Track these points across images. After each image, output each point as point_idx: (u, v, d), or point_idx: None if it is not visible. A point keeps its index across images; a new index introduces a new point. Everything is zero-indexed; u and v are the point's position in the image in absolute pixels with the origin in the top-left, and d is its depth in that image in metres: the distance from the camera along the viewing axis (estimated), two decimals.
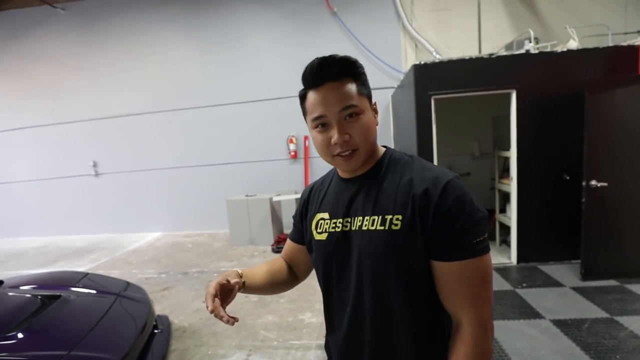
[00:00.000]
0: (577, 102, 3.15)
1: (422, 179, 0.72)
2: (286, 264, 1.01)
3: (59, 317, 1.90)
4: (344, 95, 0.71)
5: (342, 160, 0.75)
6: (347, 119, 0.72)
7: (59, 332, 1.80)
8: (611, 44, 3.72)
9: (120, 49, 6.27)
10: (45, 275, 2.68)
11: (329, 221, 0.84)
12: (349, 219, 0.80)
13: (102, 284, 2.51)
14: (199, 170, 6.37)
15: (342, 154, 0.74)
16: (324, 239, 0.84)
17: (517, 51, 3.77)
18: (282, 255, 1.04)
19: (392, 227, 0.71)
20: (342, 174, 0.84)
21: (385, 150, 0.83)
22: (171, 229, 6.58)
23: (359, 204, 0.78)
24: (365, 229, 0.75)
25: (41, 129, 6.71)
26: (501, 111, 4.05)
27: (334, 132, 0.73)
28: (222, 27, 5.92)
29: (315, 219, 0.88)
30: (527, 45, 3.74)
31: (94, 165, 6.67)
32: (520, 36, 4.26)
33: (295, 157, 6.00)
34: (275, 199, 5.31)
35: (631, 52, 3.38)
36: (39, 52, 6.48)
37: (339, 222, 0.81)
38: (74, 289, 2.29)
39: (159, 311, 2.97)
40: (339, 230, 0.81)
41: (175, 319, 3.02)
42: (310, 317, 2.95)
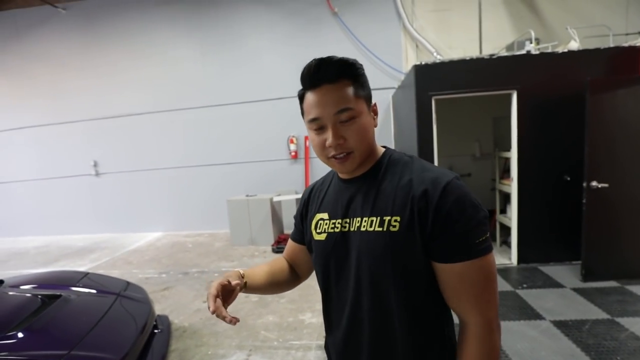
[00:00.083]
0: (578, 103, 3.15)
1: (421, 180, 0.71)
2: (288, 264, 1.01)
3: (59, 317, 1.90)
4: (339, 97, 0.71)
5: (336, 162, 0.76)
6: (342, 122, 0.72)
7: (59, 332, 1.80)
8: (612, 44, 3.73)
9: (121, 49, 6.28)
10: (45, 274, 2.68)
11: (328, 221, 0.84)
12: (347, 220, 0.79)
13: (102, 283, 2.51)
14: (199, 170, 6.38)
15: (336, 157, 0.74)
16: (323, 239, 0.84)
17: (518, 52, 3.77)
18: (283, 255, 1.04)
19: (391, 229, 0.71)
20: (341, 175, 0.84)
21: (384, 150, 0.83)
22: (172, 228, 6.59)
23: (357, 205, 0.78)
24: (363, 230, 0.75)
25: (42, 129, 6.73)
26: (502, 112, 4.05)
27: (328, 134, 0.72)
28: (223, 27, 5.92)
29: (315, 219, 0.88)
30: (528, 45, 3.73)
31: (95, 165, 6.68)
32: (521, 37, 4.26)
33: (295, 157, 6.00)
34: (275, 199, 5.31)
35: (632, 53, 3.38)
36: (40, 52, 6.49)
37: (338, 223, 0.81)
38: (75, 289, 2.29)
39: (159, 311, 2.98)
40: (338, 230, 0.80)
41: (175, 319, 3.03)
42: (310, 317, 2.95)
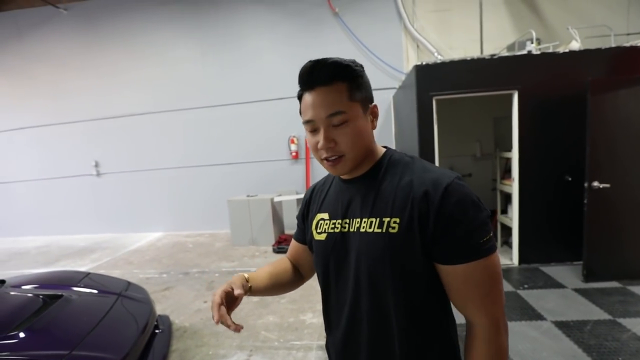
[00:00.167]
0: (579, 103, 3.15)
1: (421, 181, 0.70)
2: (291, 264, 1.02)
3: (60, 317, 1.91)
4: (332, 101, 0.70)
5: (328, 165, 0.76)
6: (334, 125, 0.71)
7: (61, 332, 1.81)
8: (613, 45, 3.72)
9: (122, 49, 6.28)
10: (46, 274, 2.68)
11: (328, 222, 0.84)
12: (347, 220, 0.79)
13: (103, 283, 2.51)
14: (200, 170, 6.38)
15: (328, 159, 0.75)
16: (323, 239, 0.84)
17: (519, 52, 3.77)
18: (287, 255, 1.04)
19: (390, 230, 0.70)
20: (341, 175, 0.84)
21: (385, 151, 0.82)
22: (172, 229, 6.59)
23: (357, 206, 0.78)
24: (363, 231, 0.75)
25: (43, 129, 6.74)
26: (503, 112, 4.04)
27: (320, 136, 0.72)
28: (224, 28, 5.93)
29: (315, 219, 0.88)
30: (529, 46, 3.73)
31: (96, 165, 6.68)
32: (522, 37, 4.26)
33: (296, 157, 6.00)
34: (276, 199, 5.32)
35: (633, 53, 3.38)
36: (41, 52, 6.50)
37: (338, 223, 0.81)
38: (76, 289, 2.29)
39: (160, 311, 2.98)
40: (338, 231, 0.80)
41: (176, 319, 3.03)
42: (311, 317, 2.95)
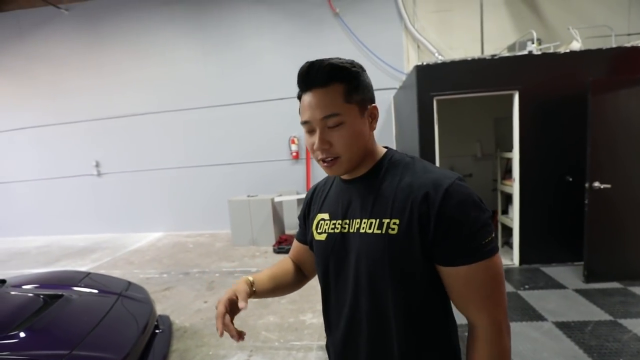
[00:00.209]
0: (580, 104, 3.14)
1: (422, 182, 0.70)
2: (294, 264, 1.02)
3: (60, 317, 1.91)
4: (327, 103, 0.70)
5: (324, 166, 0.75)
6: (330, 127, 0.71)
7: (61, 332, 1.81)
8: (614, 45, 3.71)
9: (123, 50, 6.29)
10: (47, 274, 2.69)
11: (328, 222, 0.84)
12: (347, 221, 0.79)
13: (103, 283, 2.51)
14: (201, 170, 6.38)
15: (324, 160, 0.74)
16: (323, 240, 0.84)
17: (520, 52, 3.77)
18: (289, 255, 1.05)
19: (389, 232, 0.70)
20: (341, 175, 0.84)
21: (386, 151, 0.81)
22: (173, 229, 6.59)
23: (357, 206, 0.78)
24: (362, 231, 0.75)
25: (44, 129, 6.75)
26: (503, 112, 4.04)
27: (315, 138, 0.72)
28: (225, 28, 5.93)
29: (316, 219, 0.88)
30: (529, 46, 3.72)
31: (97, 165, 6.69)
32: (522, 37, 4.25)
33: (297, 157, 6.00)
34: (277, 199, 5.32)
35: (634, 54, 3.37)
36: (42, 53, 6.52)
37: (338, 224, 0.81)
38: (76, 289, 2.29)
39: (160, 311, 2.98)
40: (338, 231, 0.80)
41: (176, 319, 3.03)
42: (311, 318, 2.94)
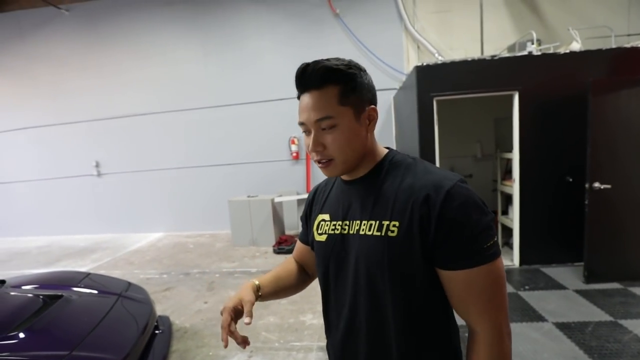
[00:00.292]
0: (580, 104, 3.14)
1: (423, 184, 0.69)
2: (297, 265, 1.02)
3: (60, 317, 1.90)
4: (321, 105, 0.69)
5: (320, 167, 0.76)
6: (323, 129, 0.71)
7: (61, 332, 1.81)
8: (614, 45, 3.71)
9: (123, 50, 6.29)
10: (47, 275, 2.68)
11: (329, 223, 0.83)
12: (347, 222, 0.79)
13: (103, 284, 2.51)
14: (201, 170, 6.38)
15: (319, 162, 0.74)
16: (323, 240, 0.84)
17: (520, 53, 3.77)
18: (293, 255, 1.05)
19: (389, 234, 0.69)
20: (342, 176, 0.84)
21: (387, 152, 0.81)
22: (173, 229, 6.59)
23: (357, 208, 0.77)
24: (362, 233, 0.74)
25: (45, 129, 6.75)
26: (503, 112, 4.04)
27: (310, 140, 0.73)
28: (226, 28, 5.93)
29: (317, 220, 0.88)
30: (529, 46, 3.72)
31: (97, 165, 6.69)
32: (522, 38, 4.26)
33: (297, 158, 6.00)
34: (277, 199, 5.32)
35: (634, 54, 3.37)
36: (43, 53, 6.52)
37: (339, 225, 0.81)
38: (76, 289, 2.29)
39: (160, 312, 2.98)
40: (338, 232, 0.80)
41: (176, 320, 3.02)
42: (311, 318, 2.94)
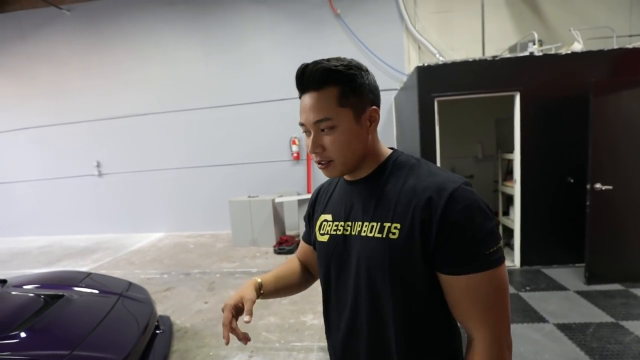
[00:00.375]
0: (582, 105, 3.14)
1: (425, 186, 0.68)
2: (300, 264, 1.02)
3: (61, 317, 1.91)
4: (320, 107, 0.69)
5: (320, 168, 0.75)
6: (323, 131, 0.71)
7: (62, 332, 1.81)
8: (616, 46, 3.71)
9: (124, 50, 6.30)
10: (48, 274, 2.69)
11: (331, 223, 0.83)
12: (350, 223, 0.78)
13: (104, 283, 2.51)
14: (202, 171, 6.39)
15: (319, 163, 0.74)
16: (325, 241, 0.83)
17: (521, 53, 3.76)
18: (297, 254, 1.05)
19: (390, 236, 0.69)
20: (345, 176, 0.83)
21: (391, 152, 0.80)
22: (174, 229, 6.59)
23: (359, 209, 0.77)
24: (364, 234, 0.73)
25: (46, 129, 6.75)
26: (504, 113, 4.03)
27: (309, 142, 0.73)
28: (226, 29, 5.94)
29: (319, 220, 0.87)
30: (530, 47, 3.72)
31: (98, 165, 6.70)
32: (524, 38, 4.25)
33: (298, 158, 6.00)
34: (277, 200, 5.32)
35: (636, 55, 3.37)
36: (44, 53, 6.53)
37: (341, 225, 0.80)
38: (77, 289, 2.29)
39: (161, 312, 2.98)
40: (340, 233, 0.80)
41: (177, 320, 3.03)
42: (312, 318, 2.94)
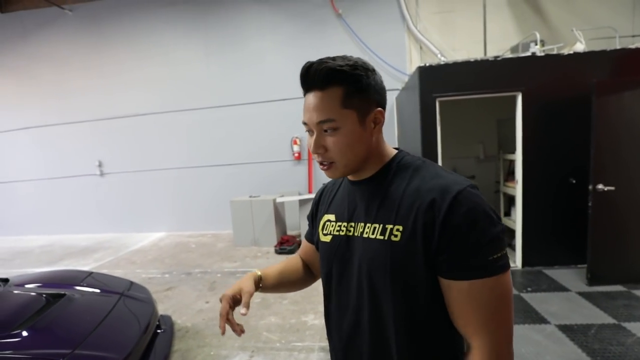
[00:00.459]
0: (584, 105, 3.13)
1: (429, 188, 0.66)
2: (302, 262, 1.02)
3: (63, 316, 1.91)
4: (323, 107, 0.68)
5: (322, 168, 0.75)
6: (325, 131, 0.70)
7: (63, 331, 1.81)
8: (618, 46, 3.69)
9: (126, 50, 6.32)
10: (50, 273, 2.69)
11: (334, 223, 0.82)
12: (352, 224, 0.77)
13: (106, 283, 2.52)
14: (203, 170, 6.39)
15: (321, 163, 0.74)
16: (328, 241, 0.83)
17: (523, 54, 3.75)
18: (299, 252, 1.05)
19: (392, 238, 0.67)
20: (348, 176, 0.83)
21: (396, 153, 0.78)
22: (175, 229, 6.60)
23: (361, 210, 0.76)
24: (366, 236, 0.73)
25: (47, 129, 6.78)
26: (506, 113, 4.02)
27: (311, 141, 0.72)
28: (228, 29, 5.94)
29: (322, 220, 0.87)
30: (533, 47, 3.71)
31: (100, 165, 6.72)
32: (526, 38, 4.24)
33: (299, 158, 6.00)
34: (278, 200, 5.32)
35: (639, 55, 3.35)
36: (46, 53, 6.55)
37: (344, 226, 0.79)
38: (78, 288, 2.30)
39: (162, 311, 2.98)
40: (343, 234, 0.79)
41: (178, 319, 3.03)
42: (313, 319, 2.94)
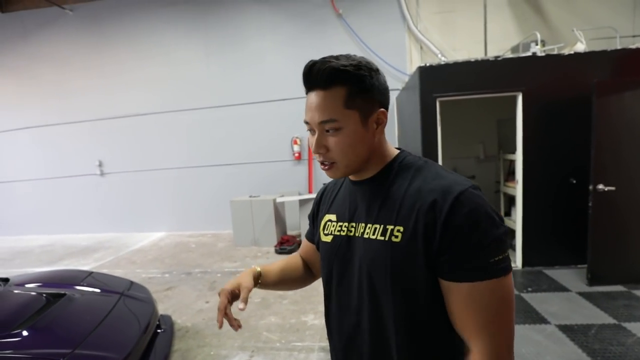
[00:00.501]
0: (585, 105, 3.13)
1: (431, 188, 0.66)
2: (302, 262, 1.02)
3: (63, 316, 1.91)
4: (325, 107, 0.67)
5: (323, 169, 0.75)
6: (327, 131, 0.70)
7: (63, 331, 1.81)
8: (619, 47, 3.69)
9: (126, 50, 6.32)
10: (50, 273, 2.69)
11: (335, 223, 0.82)
12: (353, 224, 0.77)
13: (106, 282, 2.52)
14: (203, 170, 6.40)
15: (322, 163, 0.74)
16: (328, 241, 0.82)
17: (523, 54, 3.75)
18: (299, 252, 1.05)
19: (393, 239, 0.67)
20: (350, 176, 0.82)
21: (398, 153, 0.78)
22: (175, 228, 6.61)
23: (363, 210, 0.76)
24: (366, 237, 0.72)
25: (48, 129, 6.78)
26: (506, 114, 4.02)
27: (313, 141, 0.72)
28: (228, 29, 5.95)
29: (323, 219, 0.87)
30: (533, 47, 3.70)
31: (100, 164, 6.72)
32: (526, 39, 4.23)
33: (299, 158, 6.00)
34: (279, 200, 5.32)
35: (639, 55, 3.35)
36: (46, 53, 6.55)
37: (345, 226, 0.79)
38: (79, 288, 2.30)
39: (162, 311, 2.98)
40: (344, 234, 0.79)
41: (178, 319, 3.03)
42: (313, 319, 2.94)
